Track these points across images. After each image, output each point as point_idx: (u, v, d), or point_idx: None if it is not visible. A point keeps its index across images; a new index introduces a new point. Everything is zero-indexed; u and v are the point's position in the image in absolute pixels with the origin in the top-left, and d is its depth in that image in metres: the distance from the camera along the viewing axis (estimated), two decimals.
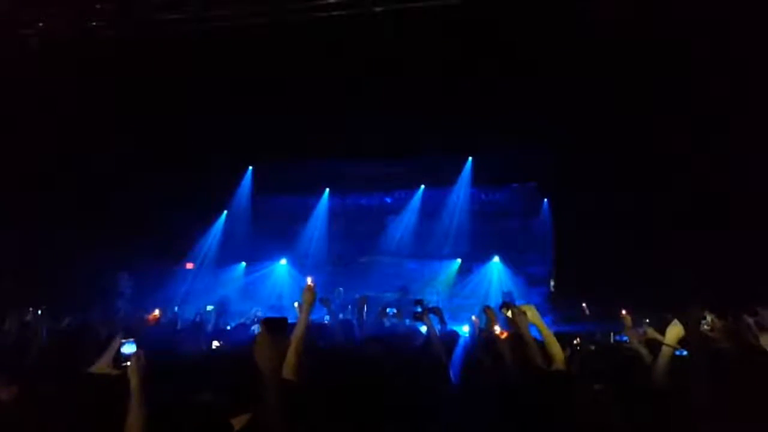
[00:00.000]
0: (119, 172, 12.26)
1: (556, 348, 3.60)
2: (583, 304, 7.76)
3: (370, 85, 10.82)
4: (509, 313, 3.88)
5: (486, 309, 4.61)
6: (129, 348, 3.00)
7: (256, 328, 6.64)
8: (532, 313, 3.84)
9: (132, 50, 9.88)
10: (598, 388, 3.13)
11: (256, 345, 2.71)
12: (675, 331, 3.54)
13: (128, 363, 2.72)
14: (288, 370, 3.18)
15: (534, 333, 3.78)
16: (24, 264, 10.85)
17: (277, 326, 2.97)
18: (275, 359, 2.71)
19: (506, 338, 3.59)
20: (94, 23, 9.45)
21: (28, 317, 6.67)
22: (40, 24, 9.54)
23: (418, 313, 5.03)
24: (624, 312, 4.68)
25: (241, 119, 12.02)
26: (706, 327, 3.75)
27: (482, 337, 5.65)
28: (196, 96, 11.23)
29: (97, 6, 9.31)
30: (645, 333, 4.70)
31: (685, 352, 3.91)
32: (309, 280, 3.52)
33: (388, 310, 7.96)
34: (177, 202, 13.42)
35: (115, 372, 2.94)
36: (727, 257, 9.83)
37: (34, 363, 4.24)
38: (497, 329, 3.83)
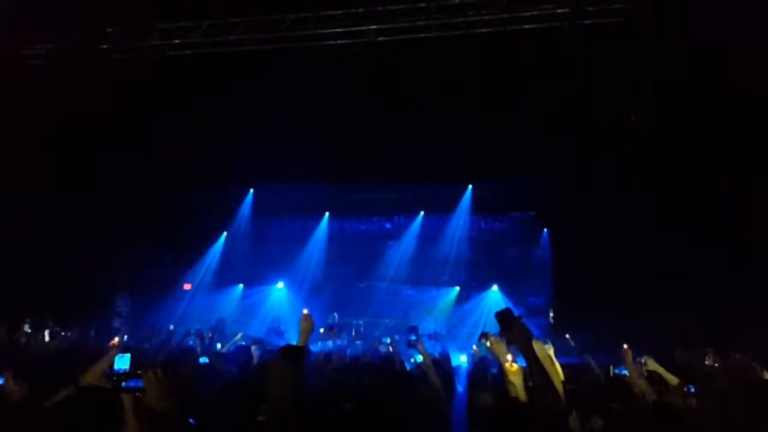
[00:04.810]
0: (121, 191, 12.29)
1: (556, 380, 3.55)
2: (567, 336, 7.65)
3: (371, 111, 10.93)
4: (488, 343, 3.73)
5: (486, 338, 3.93)
6: (123, 362, 2.92)
7: (255, 349, 6.59)
8: (538, 347, 3.76)
9: (137, 71, 10.01)
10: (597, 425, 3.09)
11: (272, 371, 2.68)
12: None
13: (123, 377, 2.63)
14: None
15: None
16: (26, 282, 10.78)
17: (295, 354, 2.94)
18: (290, 386, 2.68)
19: (517, 371, 3.41)
20: (104, 46, 9.61)
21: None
22: (50, 45, 9.69)
23: (412, 341, 4.89)
24: (625, 347, 4.63)
25: (244, 142, 12.09)
26: (707, 363, 3.72)
27: (480, 369, 5.56)
28: (199, 118, 11.32)
29: (108, 30, 9.47)
30: (645, 363, 4.64)
31: (693, 389, 3.85)
32: (305, 311, 3.54)
33: (381, 339, 7.83)
34: (177, 222, 13.42)
35: (106, 385, 2.86)
36: (727, 290, 9.80)
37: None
38: (509, 358, 3.63)
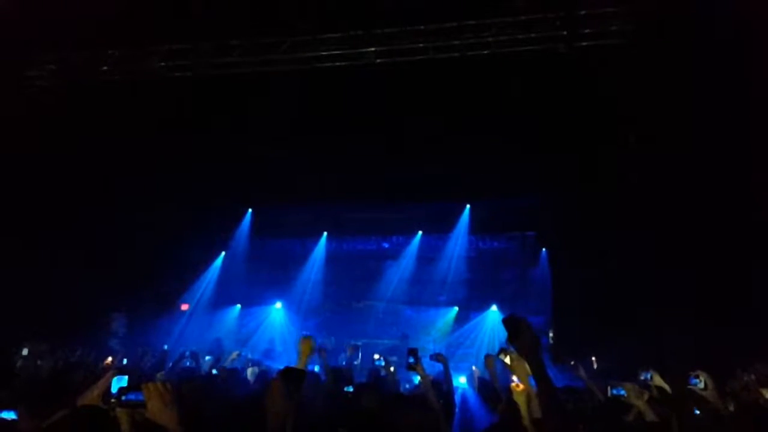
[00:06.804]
0: (119, 212, 12.30)
1: None
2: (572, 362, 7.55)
3: (369, 132, 11.02)
4: (507, 360, 3.72)
5: (505, 353, 3.89)
6: (120, 384, 2.92)
7: (251, 372, 6.54)
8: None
9: (137, 94, 10.09)
10: None
11: (270, 392, 2.66)
12: None
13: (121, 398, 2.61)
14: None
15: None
16: (22, 302, 10.74)
17: (294, 378, 2.92)
18: (285, 410, 2.66)
19: (522, 391, 3.40)
20: (105, 68, 9.71)
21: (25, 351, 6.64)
22: (52, 66, 9.79)
23: (411, 364, 4.79)
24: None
25: (242, 163, 12.15)
26: (699, 387, 3.70)
27: (485, 389, 5.51)
28: (198, 140, 11.39)
29: (110, 52, 9.58)
30: (651, 378, 4.60)
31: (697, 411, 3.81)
32: (305, 333, 3.54)
33: (378, 362, 7.71)
34: (175, 242, 13.41)
35: (103, 406, 2.86)
36: (730, 310, 9.76)
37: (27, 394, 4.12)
38: (514, 380, 3.60)
